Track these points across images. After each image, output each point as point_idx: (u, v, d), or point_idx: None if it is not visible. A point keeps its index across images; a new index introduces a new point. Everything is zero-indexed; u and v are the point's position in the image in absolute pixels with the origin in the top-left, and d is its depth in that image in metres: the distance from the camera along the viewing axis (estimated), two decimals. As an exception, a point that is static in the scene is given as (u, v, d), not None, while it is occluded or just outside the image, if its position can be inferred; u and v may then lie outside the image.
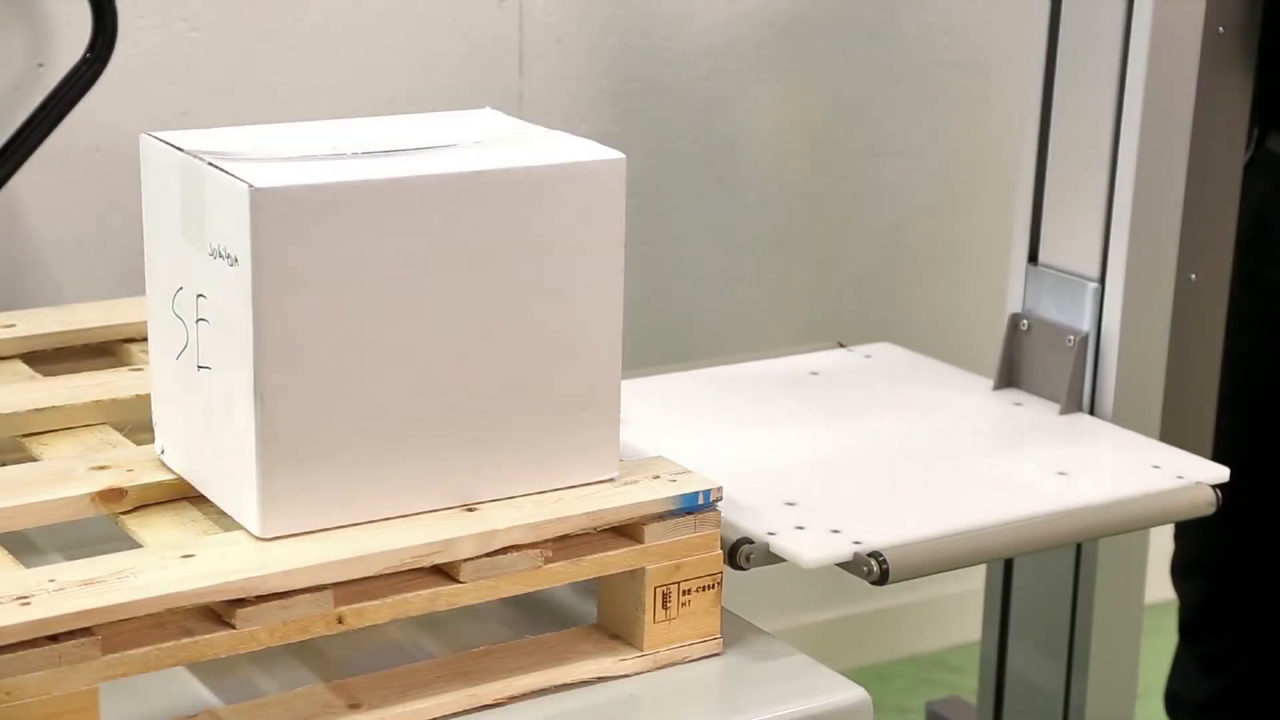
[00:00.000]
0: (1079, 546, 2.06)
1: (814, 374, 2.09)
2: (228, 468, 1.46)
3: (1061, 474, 1.81)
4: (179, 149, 1.46)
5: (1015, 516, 1.70)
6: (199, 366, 1.48)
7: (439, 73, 2.52)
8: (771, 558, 1.61)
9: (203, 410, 1.48)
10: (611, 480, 1.55)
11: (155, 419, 1.59)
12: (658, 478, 1.55)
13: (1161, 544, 2.34)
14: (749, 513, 1.66)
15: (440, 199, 1.44)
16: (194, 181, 1.44)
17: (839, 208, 2.92)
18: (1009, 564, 2.16)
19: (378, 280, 1.42)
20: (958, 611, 3.17)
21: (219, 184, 1.40)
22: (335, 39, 2.46)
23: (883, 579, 1.59)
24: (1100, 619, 2.07)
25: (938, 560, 1.64)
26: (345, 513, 1.45)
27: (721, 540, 1.56)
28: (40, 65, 2.35)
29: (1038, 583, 2.12)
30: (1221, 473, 1.82)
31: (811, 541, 1.62)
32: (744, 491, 1.69)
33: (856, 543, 1.61)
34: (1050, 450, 1.88)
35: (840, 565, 1.62)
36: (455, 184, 1.44)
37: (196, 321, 1.47)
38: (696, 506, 1.53)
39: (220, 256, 1.41)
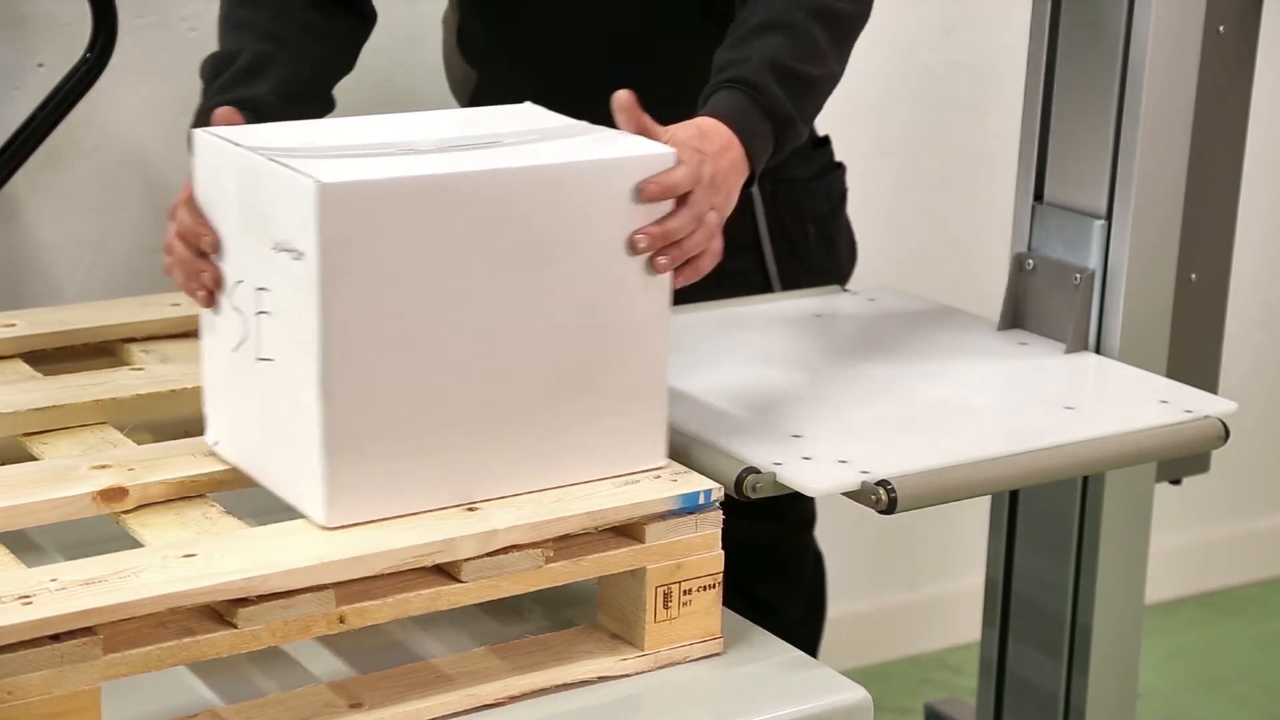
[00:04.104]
0: (1080, 547, 2.06)
1: (818, 315, 2.07)
2: (290, 458, 1.48)
3: (1069, 408, 1.80)
4: (238, 145, 1.49)
5: (1023, 448, 1.69)
6: (259, 359, 1.50)
7: (439, 72, 2.52)
8: (778, 487, 1.59)
9: (262, 402, 1.51)
10: (660, 469, 1.57)
11: (207, 411, 1.60)
12: (659, 478, 1.55)
13: (1162, 544, 2.34)
14: (755, 445, 1.63)
15: (499, 193, 1.46)
16: (255, 177, 1.46)
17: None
18: (1009, 563, 2.16)
19: (437, 273, 1.45)
20: (958, 611, 3.18)
21: (283, 180, 1.42)
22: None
23: (891, 507, 1.56)
24: (1100, 619, 2.07)
25: (946, 489, 1.62)
26: (405, 501, 1.47)
27: (726, 471, 1.56)
28: (40, 65, 2.35)
29: (1038, 582, 2.12)
30: (1229, 406, 1.80)
31: (819, 471, 1.60)
32: (750, 424, 1.68)
33: (864, 472, 1.59)
34: (1057, 386, 1.87)
35: (847, 494, 1.58)
36: (514, 178, 1.47)
37: (257, 314, 1.49)
38: (697, 506, 1.53)
39: (284, 251, 1.43)
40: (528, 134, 1.58)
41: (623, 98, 1.59)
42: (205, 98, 1.81)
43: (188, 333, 1.95)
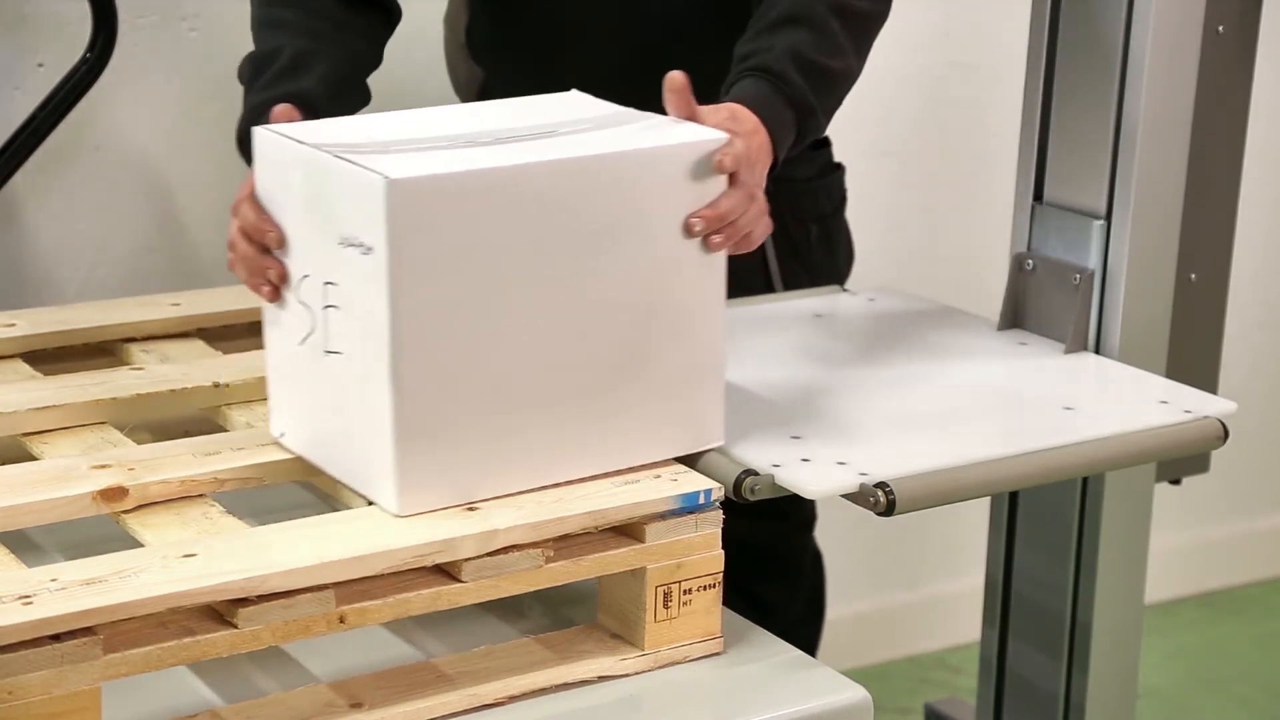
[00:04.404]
0: (1080, 547, 2.06)
1: (818, 316, 2.07)
2: (361, 448, 1.51)
3: (1068, 409, 1.79)
4: (301, 142, 1.51)
5: (1022, 450, 1.69)
6: (326, 351, 1.52)
7: (438, 71, 2.52)
8: (777, 489, 1.59)
9: (331, 393, 1.53)
10: (719, 447, 1.61)
11: (272, 403, 1.62)
12: (659, 477, 1.55)
13: (1162, 544, 2.34)
14: (754, 447, 1.64)
15: (562, 183, 1.49)
16: (321, 174, 1.49)
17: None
18: (1009, 563, 2.16)
19: (503, 263, 1.48)
20: (958, 611, 3.17)
21: (350, 176, 1.45)
22: (335, 39, 2.46)
23: (889, 510, 1.56)
24: (1100, 619, 2.07)
25: (945, 491, 1.62)
26: (476, 489, 1.50)
27: (725, 473, 1.57)
28: (40, 65, 2.35)
29: (1038, 582, 2.12)
30: (1229, 406, 1.80)
31: (817, 473, 1.60)
32: (749, 426, 1.68)
33: (863, 474, 1.59)
34: (1056, 386, 1.86)
35: (846, 497, 1.59)
36: (576, 168, 1.51)
37: (324, 308, 1.51)
38: (697, 506, 1.53)
39: (351, 245, 1.45)
40: (580, 123, 1.61)
41: (677, 79, 1.61)
42: (250, 94, 1.81)
43: (187, 333, 1.96)
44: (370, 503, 1.53)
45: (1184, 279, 2.07)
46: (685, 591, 1.52)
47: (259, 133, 1.56)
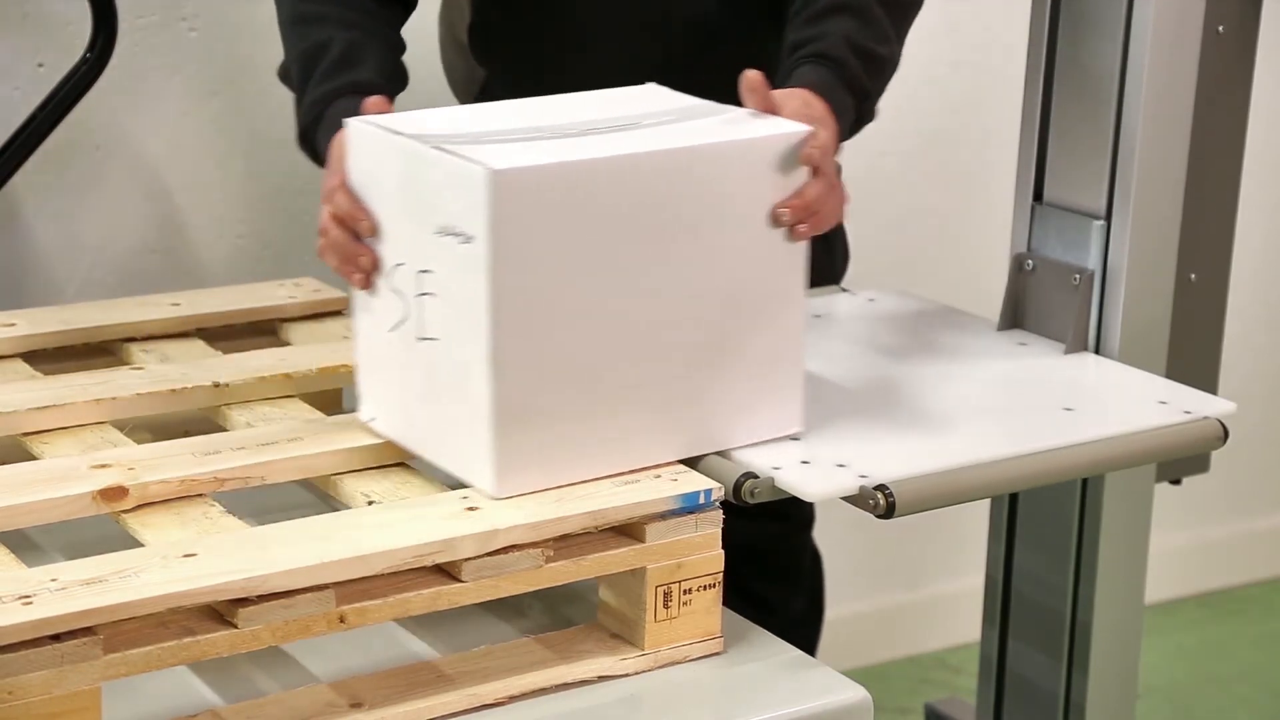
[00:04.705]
0: (1080, 547, 2.06)
1: (817, 316, 2.07)
2: (457, 433, 1.55)
3: (1068, 410, 1.79)
4: (398, 133, 1.55)
5: (1022, 451, 1.69)
6: (420, 338, 1.56)
7: (438, 70, 2.52)
8: (777, 492, 1.59)
9: (423, 379, 1.57)
10: (797, 435, 1.65)
11: (361, 389, 1.66)
12: (659, 477, 1.55)
13: (1162, 544, 2.34)
14: (753, 449, 1.64)
15: (656, 174, 1.54)
16: (419, 165, 1.52)
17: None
18: (1009, 563, 2.16)
19: (597, 252, 1.52)
20: (958, 611, 3.17)
21: (450, 167, 1.48)
22: (335, 39, 2.46)
23: (889, 512, 1.56)
24: (1100, 619, 2.07)
25: (944, 493, 1.62)
26: (568, 472, 1.54)
27: (725, 475, 1.57)
28: (40, 65, 2.35)
29: (1038, 582, 2.12)
30: (1229, 407, 1.80)
31: (817, 475, 1.60)
32: None
33: (863, 476, 1.59)
34: (1056, 387, 1.86)
35: (846, 499, 1.59)
36: (670, 159, 1.55)
37: (418, 296, 1.55)
38: (697, 506, 1.53)
39: (450, 234, 1.49)
40: (663, 115, 1.65)
41: (754, 78, 1.65)
42: (309, 88, 1.82)
43: (187, 333, 1.96)
44: (370, 502, 1.54)
45: (1184, 279, 2.07)
46: (685, 591, 1.52)
47: (353, 124, 1.59)
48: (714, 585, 1.54)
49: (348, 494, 1.58)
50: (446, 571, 1.45)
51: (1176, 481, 2.17)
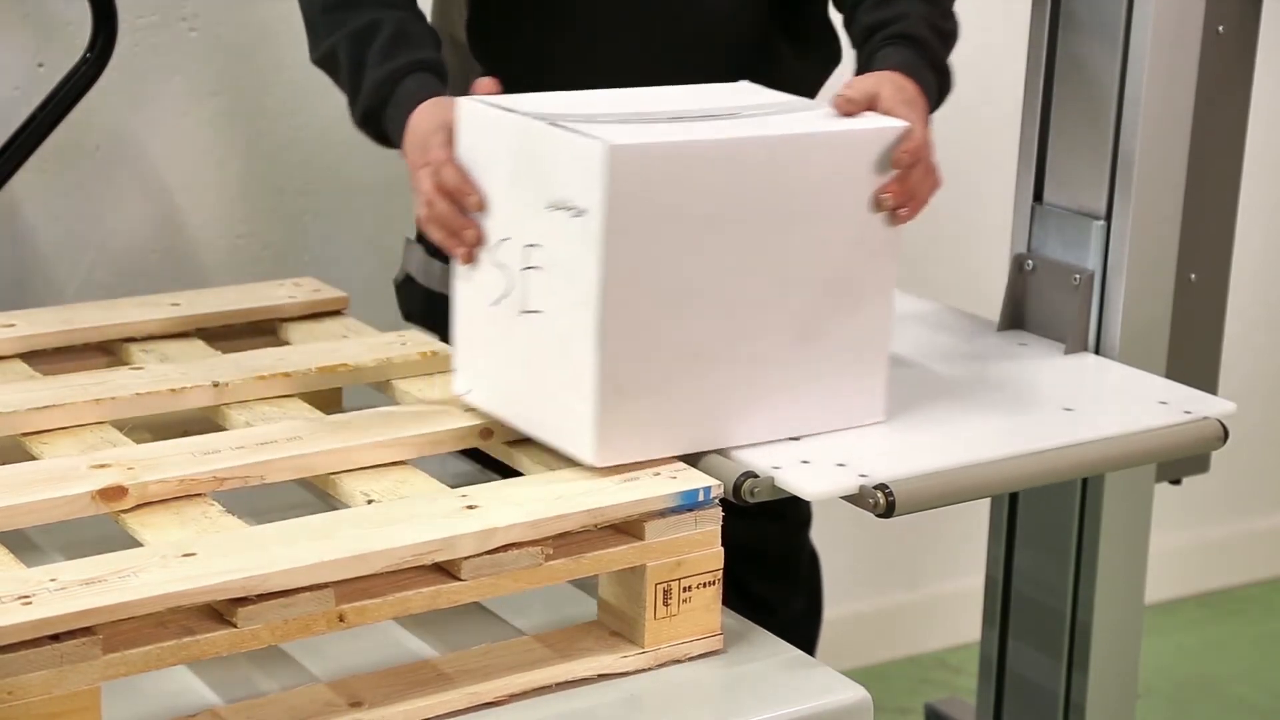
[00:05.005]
0: (1080, 547, 2.06)
1: None
2: (557, 404, 1.60)
3: (1068, 410, 1.80)
4: (512, 111, 1.61)
5: (1022, 450, 1.69)
6: (524, 311, 1.60)
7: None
8: (777, 491, 1.59)
9: (526, 352, 1.62)
10: (880, 422, 1.70)
11: (458, 363, 1.71)
12: (658, 475, 1.55)
13: (1162, 544, 2.34)
14: (753, 448, 1.64)
15: (766, 159, 1.59)
16: (534, 141, 1.58)
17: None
18: (1009, 563, 2.16)
19: (703, 231, 1.57)
20: (958, 611, 3.17)
21: (568, 143, 1.54)
22: (335, 39, 2.46)
23: (889, 511, 1.56)
24: (1100, 619, 2.07)
25: (944, 492, 1.63)
26: (663, 444, 1.59)
27: (725, 475, 1.57)
28: (40, 65, 2.35)
29: (1038, 582, 2.12)
30: (1228, 407, 1.80)
31: (817, 474, 1.60)
32: None
33: (862, 475, 1.59)
34: (1056, 388, 1.87)
35: (846, 498, 1.59)
36: (778, 146, 1.61)
37: (524, 270, 1.59)
38: (696, 503, 1.53)
39: (562, 209, 1.54)
40: (760, 107, 1.70)
41: (843, 107, 1.70)
42: (368, 67, 1.82)
43: (187, 333, 1.96)
44: (369, 501, 1.54)
45: (1184, 279, 2.07)
46: (685, 589, 1.52)
47: (464, 103, 1.64)
48: (714, 583, 1.54)
49: (347, 493, 1.58)
50: (446, 570, 1.45)
51: (1176, 481, 2.17)
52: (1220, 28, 2.03)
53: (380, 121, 1.81)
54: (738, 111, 1.67)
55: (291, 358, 1.86)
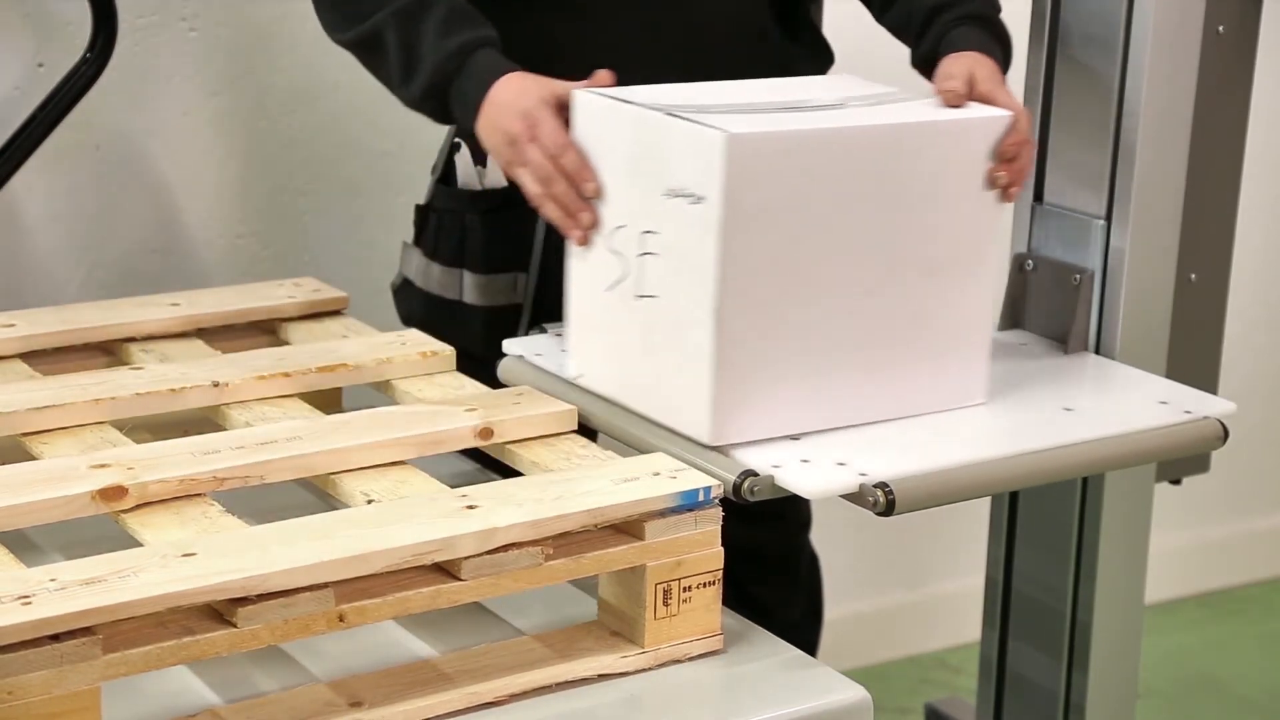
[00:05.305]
0: (1080, 547, 2.06)
1: None
2: (673, 385, 1.66)
3: (1068, 410, 1.80)
4: (630, 103, 1.66)
5: (1022, 450, 1.69)
6: (639, 296, 1.67)
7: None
8: (777, 490, 1.60)
9: (641, 335, 1.68)
10: (982, 404, 1.77)
11: (571, 348, 1.78)
12: (658, 474, 1.55)
13: (1162, 544, 2.34)
14: (753, 447, 1.65)
15: (878, 147, 1.66)
16: (653, 131, 1.64)
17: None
18: (1009, 563, 2.16)
19: (817, 217, 1.63)
20: (958, 611, 3.18)
21: (685, 132, 1.60)
22: (335, 39, 2.46)
23: (889, 509, 1.56)
24: (1100, 619, 2.07)
25: (944, 491, 1.63)
26: (775, 425, 1.65)
27: (725, 475, 1.58)
28: (40, 65, 2.35)
29: (1038, 582, 2.12)
30: (1228, 407, 1.81)
31: (817, 473, 1.61)
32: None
33: (862, 474, 1.59)
34: (1056, 387, 1.87)
35: (845, 497, 1.59)
36: (890, 134, 1.67)
37: (640, 256, 1.66)
38: (696, 503, 1.53)
39: (680, 196, 1.60)
40: (865, 98, 1.75)
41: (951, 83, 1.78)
42: (425, 42, 1.83)
43: (187, 333, 1.96)
44: (369, 501, 1.54)
45: (1184, 279, 2.07)
46: (685, 589, 1.52)
47: (581, 95, 1.71)
48: (714, 583, 1.54)
49: (347, 493, 1.58)
50: (446, 570, 1.45)
51: (1176, 481, 2.17)
52: (1220, 28, 2.03)
53: (446, 96, 1.82)
54: (844, 102, 1.72)
55: (291, 358, 1.86)
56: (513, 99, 1.77)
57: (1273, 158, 3.31)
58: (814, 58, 2.11)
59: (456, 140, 2.07)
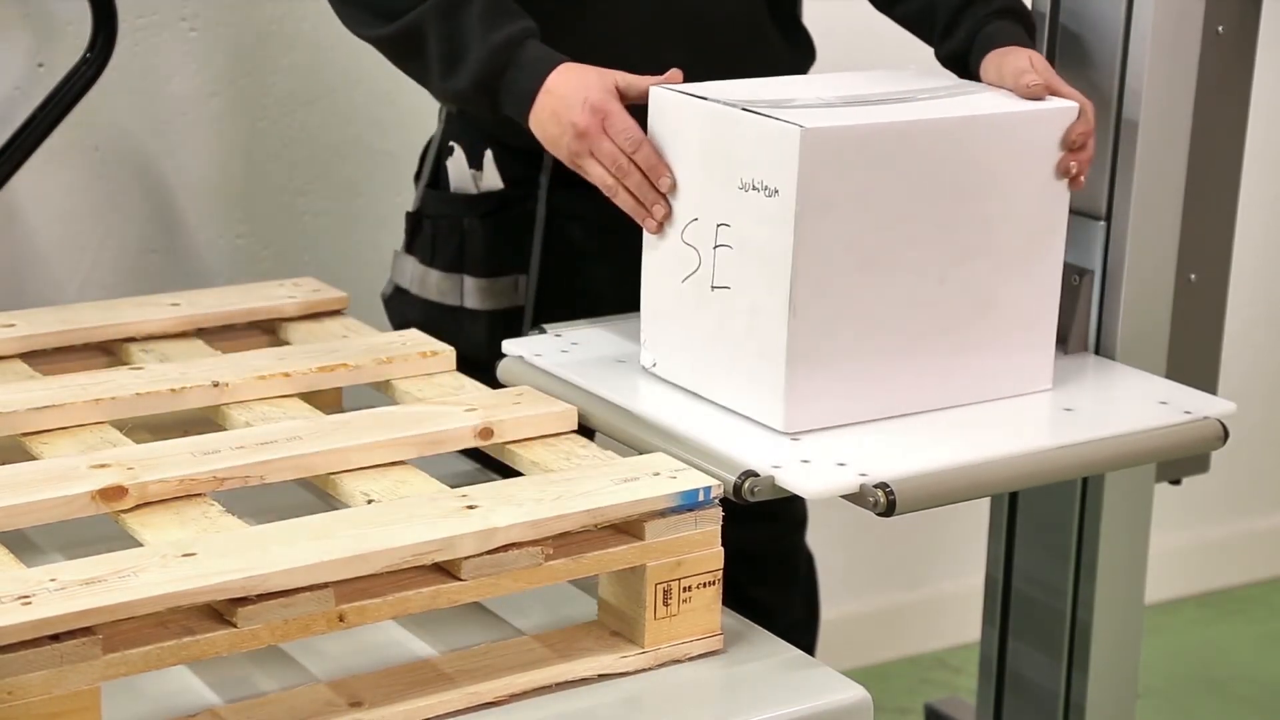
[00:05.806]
0: (1080, 547, 2.06)
1: None
2: (747, 374, 1.70)
3: (1068, 410, 1.80)
4: (704, 98, 1.70)
5: (1022, 450, 1.70)
6: (714, 287, 1.71)
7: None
8: (777, 490, 1.59)
9: (715, 325, 1.72)
10: (1047, 390, 1.81)
11: (645, 338, 1.81)
12: (658, 474, 1.55)
13: (1162, 544, 2.34)
14: (753, 448, 1.65)
15: (948, 140, 1.69)
16: (727, 126, 1.67)
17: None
18: (1009, 563, 2.16)
19: (886, 210, 1.66)
20: (958, 611, 3.18)
21: (760, 126, 1.63)
22: (333, 39, 2.46)
23: (889, 510, 1.56)
24: (1100, 619, 2.07)
25: (944, 491, 1.63)
26: (847, 412, 1.70)
27: (725, 475, 1.58)
28: (40, 65, 2.35)
29: (1038, 582, 2.12)
30: (1228, 407, 1.81)
31: (817, 473, 1.60)
32: (747, 427, 1.69)
33: (862, 474, 1.59)
34: (1056, 388, 1.86)
35: (846, 497, 1.59)
36: (963, 127, 1.70)
37: (714, 248, 1.69)
38: (696, 503, 1.53)
39: (754, 189, 1.64)
40: (934, 90, 1.79)
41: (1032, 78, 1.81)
42: (471, 35, 1.83)
43: (187, 333, 1.96)
44: (369, 501, 1.54)
45: (1184, 279, 2.07)
46: (685, 589, 1.52)
47: (656, 91, 1.75)
48: (714, 583, 1.54)
49: (347, 493, 1.58)
50: (446, 570, 1.45)
51: (1176, 481, 2.17)
52: (1220, 28, 2.03)
53: (497, 88, 1.83)
54: (913, 95, 1.75)
55: (291, 358, 1.86)
56: (574, 91, 1.78)
57: (1273, 157, 3.31)
58: (803, 55, 2.11)
59: (450, 144, 2.06)
